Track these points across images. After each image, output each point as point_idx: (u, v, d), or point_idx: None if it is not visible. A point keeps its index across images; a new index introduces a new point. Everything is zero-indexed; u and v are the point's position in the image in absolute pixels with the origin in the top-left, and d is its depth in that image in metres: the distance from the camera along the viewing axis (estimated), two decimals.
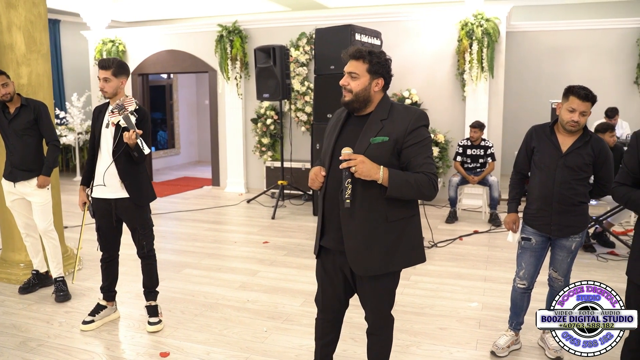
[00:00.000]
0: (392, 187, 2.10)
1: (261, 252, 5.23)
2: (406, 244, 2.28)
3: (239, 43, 7.91)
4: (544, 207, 2.94)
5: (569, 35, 7.94)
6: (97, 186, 3.35)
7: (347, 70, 2.21)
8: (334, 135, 2.29)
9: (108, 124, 3.30)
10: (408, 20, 7.36)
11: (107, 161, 3.28)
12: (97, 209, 3.39)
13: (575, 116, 2.81)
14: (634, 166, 2.30)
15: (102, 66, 3.21)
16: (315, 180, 2.25)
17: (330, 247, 2.33)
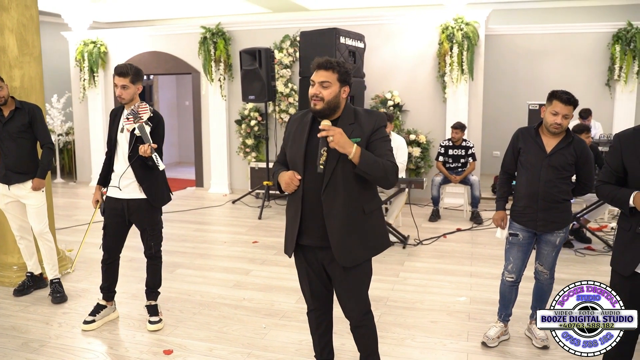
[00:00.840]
0: (362, 162, 2.26)
1: (252, 252, 5.32)
2: (378, 232, 2.52)
3: (222, 45, 7.97)
4: (531, 204, 3.11)
5: (544, 38, 8.22)
6: (112, 187, 3.45)
7: (318, 79, 2.34)
8: (302, 141, 2.41)
9: (123, 128, 3.39)
10: (390, 23, 7.53)
11: (123, 165, 3.39)
12: (108, 208, 3.48)
13: (558, 119, 3.00)
14: (617, 166, 2.47)
15: (120, 73, 3.28)
16: (291, 184, 2.39)
17: (311, 245, 2.47)
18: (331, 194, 2.37)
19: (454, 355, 3.17)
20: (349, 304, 2.55)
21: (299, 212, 2.43)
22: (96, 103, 8.94)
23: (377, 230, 2.52)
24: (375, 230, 2.50)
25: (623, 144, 2.45)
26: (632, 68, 7.69)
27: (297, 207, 2.43)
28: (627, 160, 2.43)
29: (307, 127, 2.44)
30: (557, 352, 3.17)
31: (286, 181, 2.39)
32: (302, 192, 2.40)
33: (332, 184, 2.36)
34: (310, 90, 2.36)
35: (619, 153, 2.46)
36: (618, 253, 2.49)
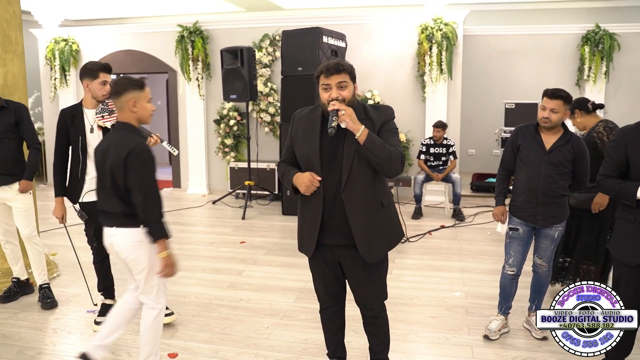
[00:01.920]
0: (368, 141, 2.30)
1: (241, 252, 5.27)
2: (395, 224, 2.57)
3: (200, 44, 7.86)
4: (530, 199, 3.19)
5: (517, 39, 8.42)
6: (92, 191, 3.31)
7: (335, 82, 2.36)
8: (315, 141, 2.42)
9: (92, 128, 3.29)
10: (370, 23, 7.58)
11: None
12: (92, 212, 3.33)
13: (546, 113, 3.12)
14: (620, 159, 2.57)
15: (109, 69, 3.29)
16: (311, 186, 2.39)
17: (333, 243, 2.48)
18: (351, 192, 2.38)
19: (460, 349, 3.23)
20: (370, 296, 2.58)
21: (319, 212, 2.42)
22: (68, 102, 8.64)
23: (394, 222, 2.57)
24: (393, 222, 2.56)
25: (627, 138, 2.55)
26: (601, 68, 7.96)
27: (317, 208, 2.43)
28: (631, 153, 2.53)
29: (317, 126, 2.45)
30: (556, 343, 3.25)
31: (306, 184, 2.39)
32: (323, 194, 2.41)
33: (351, 181, 2.38)
34: (326, 94, 2.37)
35: (623, 147, 2.55)
36: (623, 244, 2.58)
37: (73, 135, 3.31)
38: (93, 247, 3.49)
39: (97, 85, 3.28)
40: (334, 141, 2.39)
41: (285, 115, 6.82)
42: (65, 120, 3.33)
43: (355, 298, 2.63)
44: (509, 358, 3.11)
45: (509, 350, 3.20)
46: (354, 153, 2.36)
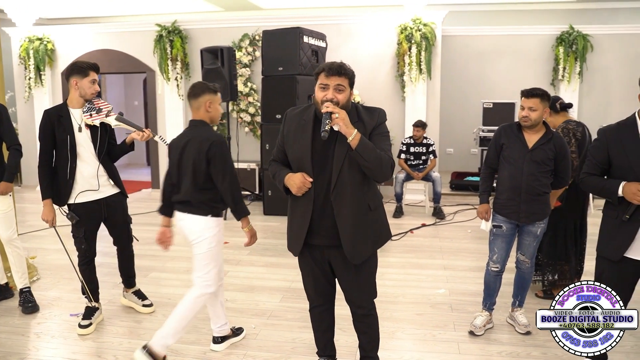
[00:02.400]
0: (360, 146, 2.30)
1: (224, 253, 5.23)
2: (382, 226, 2.59)
3: (179, 43, 7.80)
4: (514, 196, 3.26)
5: (494, 40, 8.56)
6: (84, 192, 3.32)
7: (333, 83, 2.37)
8: (307, 141, 2.42)
9: (80, 127, 3.28)
10: (350, 23, 7.63)
11: (93, 164, 3.32)
12: (84, 213, 3.36)
13: (525, 112, 3.20)
14: (602, 158, 2.64)
15: (98, 68, 3.33)
16: (303, 187, 2.40)
17: (321, 244, 2.50)
18: (340, 194, 2.40)
19: (446, 345, 3.28)
20: (360, 295, 2.60)
21: (309, 212, 2.44)
22: (43, 103, 8.50)
23: (381, 224, 2.59)
24: (380, 224, 2.57)
25: (609, 138, 2.63)
26: (575, 69, 8.15)
27: (306, 208, 2.44)
28: (612, 152, 2.60)
29: (309, 127, 2.45)
30: (539, 337, 3.34)
31: (298, 185, 2.39)
32: (314, 195, 2.42)
33: (340, 184, 2.40)
34: (322, 94, 2.37)
35: (605, 146, 2.63)
36: (606, 240, 2.66)
37: (60, 135, 3.27)
38: (81, 249, 3.45)
39: (87, 83, 3.27)
40: (325, 143, 2.40)
41: (266, 115, 6.82)
42: (50, 120, 3.27)
43: (345, 296, 2.65)
44: (494, 353, 3.18)
45: (493, 345, 3.27)
46: (345, 156, 2.37)
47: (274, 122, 6.76)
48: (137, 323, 3.62)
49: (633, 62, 8.18)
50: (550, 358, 3.10)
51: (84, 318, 3.47)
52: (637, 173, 2.51)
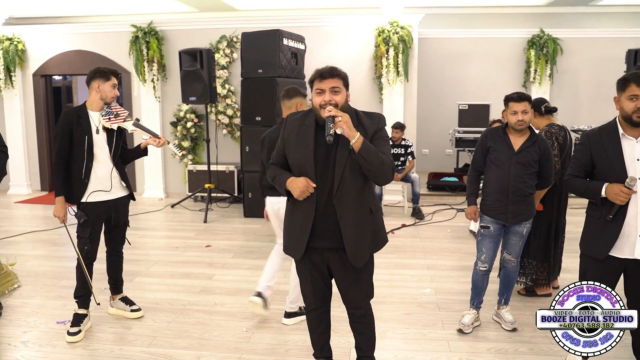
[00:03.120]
0: (363, 149, 2.33)
1: (208, 256, 5.23)
2: (381, 229, 2.65)
3: (155, 45, 7.70)
4: (501, 198, 3.36)
5: (467, 42, 8.74)
6: (96, 192, 3.40)
7: (328, 86, 2.41)
8: (309, 147, 2.46)
9: (98, 129, 3.38)
10: (328, 25, 7.67)
11: (107, 166, 3.43)
12: (93, 212, 3.41)
13: (519, 116, 3.29)
14: (586, 161, 2.75)
15: (118, 74, 3.48)
16: (306, 192, 2.43)
17: (322, 247, 2.53)
18: (342, 198, 2.44)
19: (436, 343, 3.35)
20: (359, 296, 2.65)
21: (311, 216, 2.46)
22: (14, 105, 8.28)
23: (380, 227, 2.64)
24: (379, 227, 2.63)
25: (592, 142, 2.74)
26: (545, 71, 8.40)
27: (309, 211, 2.47)
28: (595, 155, 2.71)
29: (311, 132, 2.48)
30: (525, 334, 3.44)
31: (301, 189, 2.42)
32: (316, 200, 2.45)
33: (342, 187, 2.43)
34: (319, 98, 2.41)
35: (588, 150, 2.74)
36: (590, 239, 2.77)
37: (78, 135, 3.35)
38: (83, 250, 3.44)
39: (108, 87, 3.39)
40: (327, 147, 2.43)
41: (245, 117, 6.80)
42: (69, 120, 3.36)
43: (343, 298, 2.69)
44: (484, 350, 3.26)
45: (482, 343, 3.36)
46: (347, 160, 2.41)
47: (253, 124, 6.75)
48: (127, 329, 3.58)
49: (600, 65, 8.47)
50: (537, 353, 3.21)
51: (73, 325, 3.42)
52: (619, 175, 2.62)
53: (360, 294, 2.65)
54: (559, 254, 4.09)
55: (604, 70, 8.43)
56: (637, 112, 2.56)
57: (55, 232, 6.18)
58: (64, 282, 4.46)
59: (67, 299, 4.08)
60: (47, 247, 5.61)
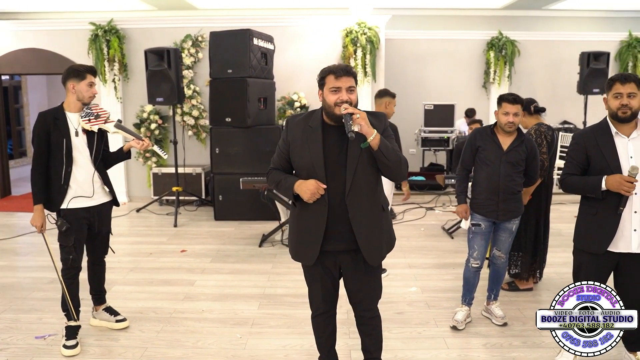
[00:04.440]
0: (382, 145, 2.33)
1: (185, 261, 5.09)
2: (391, 227, 2.65)
3: (116, 43, 7.42)
4: (491, 196, 3.43)
5: (430, 44, 8.89)
6: (77, 197, 3.20)
7: (345, 85, 2.38)
8: (318, 148, 2.42)
9: (77, 132, 3.18)
10: (295, 25, 7.63)
11: (88, 170, 3.24)
12: (75, 219, 3.21)
13: (510, 118, 3.38)
14: (582, 159, 2.84)
15: (96, 72, 3.26)
16: (317, 194, 2.40)
17: (335, 250, 2.50)
18: (355, 197, 2.41)
19: (433, 341, 3.39)
20: (369, 297, 2.64)
21: (324, 218, 2.43)
22: None
23: (390, 226, 2.64)
24: (389, 225, 2.63)
25: (586, 141, 2.84)
26: (504, 72, 8.68)
27: (320, 214, 2.43)
28: (591, 153, 2.81)
29: (319, 133, 2.45)
30: (515, 328, 3.54)
31: (312, 192, 2.38)
32: (328, 201, 2.42)
33: (355, 187, 2.41)
34: (334, 96, 2.36)
35: (584, 149, 2.84)
36: (586, 234, 2.86)
37: (56, 138, 3.14)
38: (69, 260, 3.24)
39: (84, 86, 3.18)
40: (336, 147, 2.41)
41: (215, 118, 6.67)
42: (46, 122, 3.15)
43: (352, 300, 2.67)
44: (479, 345, 3.33)
45: (476, 338, 3.42)
46: (358, 158, 2.39)
47: (223, 125, 6.63)
48: (114, 341, 3.42)
49: (555, 66, 8.84)
50: (530, 346, 3.30)
51: (69, 338, 3.25)
52: (614, 172, 2.72)
53: (370, 296, 2.64)
54: (546, 248, 4.22)
55: (558, 71, 8.81)
56: (622, 109, 2.71)
57: (15, 241, 5.87)
58: (36, 294, 4.23)
59: (42, 311, 3.89)
60: (10, 257, 5.31)
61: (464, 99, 8.75)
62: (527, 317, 3.71)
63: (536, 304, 3.97)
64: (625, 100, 2.68)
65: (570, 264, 4.80)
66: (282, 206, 5.69)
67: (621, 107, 2.71)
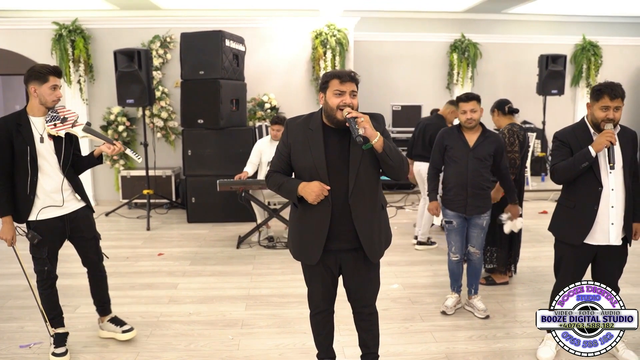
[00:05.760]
0: (386, 147, 2.41)
1: (165, 265, 5.04)
2: (388, 224, 2.74)
3: (82, 44, 7.24)
4: (460, 192, 3.60)
5: (395, 45, 9.05)
6: (47, 207, 3.04)
7: (349, 89, 2.45)
8: (320, 150, 2.49)
9: (42, 138, 3.00)
10: (264, 27, 7.65)
11: (56, 178, 3.06)
12: (47, 230, 3.07)
13: (468, 114, 3.58)
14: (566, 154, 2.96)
15: (60, 73, 3.04)
16: (321, 195, 2.46)
17: (337, 248, 2.57)
18: (357, 197, 2.49)
19: (422, 335, 3.50)
20: (369, 294, 2.72)
21: (327, 219, 2.49)
22: None
23: (388, 223, 2.74)
24: (387, 223, 2.72)
25: (569, 139, 3.01)
26: (467, 74, 8.95)
27: (324, 215, 2.49)
28: (574, 150, 2.96)
29: (320, 135, 2.50)
30: (497, 320, 3.71)
31: (317, 193, 2.43)
32: (332, 202, 2.48)
33: (357, 187, 2.48)
34: (337, 100, 2.42)
35: (568, 145, 3.00)
36: (566, 227, 3.03)
37: (19, 145, 2.94)
38: (44, 271, 3.14)
39: (46, 89, 2.95)
40: (337, 149, 2.48)
41: (186, 120, 6.62)
42: (7, 129, 2.93)
43: (352, 297, 2.74)
44: (466, 337, 3.46)
45: (462, 331, 3.56)
46: (360, 159, 2.47)
47: (195, 127, 6.59)
48: (104, 347, 3.37)
49: (515, 68, 9.18)
50: (513, 337, 3.46)
51: (57, 345, 3.17)
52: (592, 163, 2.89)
53: (370, 292, 2.73)
54: (519, 243, 4.42)
55: (518, 73, 9.15)
56: (605, 121, 2.87)
57: None
58: (13, 302, 4.12)
59: (23, 319, 3.80)
60: None
61: (429, 100, 8.95)
62: (507, 310, 3.89)
63: (513, 296, 4.16)
64: (611, 115, 2.85)
65: (540, 258, 5.07)
66: (258, 207, 5.71)
67: (605, 120, 2.87)
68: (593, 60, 9.05)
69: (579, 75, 9.17)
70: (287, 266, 4.80)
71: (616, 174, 2.92)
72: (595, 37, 9.12)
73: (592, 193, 2.92)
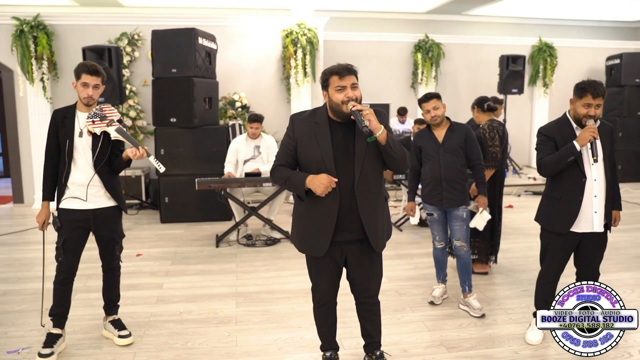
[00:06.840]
0: (390, 140, 2.51)
1: (145, 265, 4.96)
2: (389, 217, 2.84)
3: (45, 40, 7.01)
4: (436, 186, 3.76)
5: (362, 45, 9.20)
6: (72, 198, 3.07)
7: (349, 83, 2.52)
8: (327, 143, 2.55)
9: (82, 132, 3.06)
10: (234, 25, 7.63)
11: (87, 173, 3.11)
12: (68, 221, 3.09)
13: (432, 112, 3.74)
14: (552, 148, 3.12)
15: (94, 72, 3.04)
16: (329, 187, 2.52)
17: (343, 240, 2.64)
18: (363, 189, 2.57)
19: (414, 325, 3.62)
20: (373, 284, 2.81)
21: (335, 210, 2.55)
22: None
23: (389, 215, 2.83)
24: (389, 215, 2.82)
25: (553, 134, 3.17)
26: (431, 73, 9.21)
27: (332, 207, 2.55)
28: (559, 144, 3.13)
29: (326, 128, 2.57)
30: (495, 317, 3.82)
31: (325, 185, 2.48)
32: (339, 194, 2.54)
33: (363, 178, 2.56)
34: (341, 95, 2.48)
35: (552, 140, 3.16)
36: (553, 217, 3.20)
37: (62, 137, 3.09)
38: (59, 262, 3.13)
39: (79, 86, 3.09)
40: (343, 142, 2.54)
41: (159, 118, 6.53)
42: (56, 120, 3.12)
43: (357, 288, 2.81)
44: (457, 325, 3.60)
45: (452, 319, 3.69)
46: (365, 152, 2.54)
47: (168, 126, 6.50)
48: (97, 349, 3.30)
49: (476, 68, 9.50)
50: (500, 323, 3.62)
51: (45, 346, 3.10)
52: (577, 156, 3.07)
53: (375, 282, 2.81)
54: (499, 233, 4.61)
55: (480, 72, 9.47)
56: (586, 117, 3.06)
57: None
58: None
59: (6, 325, 3.70)
60: None
61: (394, 99, 9.17)
62: (490, 298, 4.06)
63: (494, 285, 4.35)
64: (592, 112, 3.04)
65: (516, 249, 5.28)
66: (236, 206, 5.70)
67: (587, 116, 3.05)
68: (549, 60, 9.48)
69: (536, 75, 9.58)
70: (270, 263, 4.82)
71: (598, 165, 3.11)
72: (551, 38, 9.56)
73: (577, 184, 3.10)
